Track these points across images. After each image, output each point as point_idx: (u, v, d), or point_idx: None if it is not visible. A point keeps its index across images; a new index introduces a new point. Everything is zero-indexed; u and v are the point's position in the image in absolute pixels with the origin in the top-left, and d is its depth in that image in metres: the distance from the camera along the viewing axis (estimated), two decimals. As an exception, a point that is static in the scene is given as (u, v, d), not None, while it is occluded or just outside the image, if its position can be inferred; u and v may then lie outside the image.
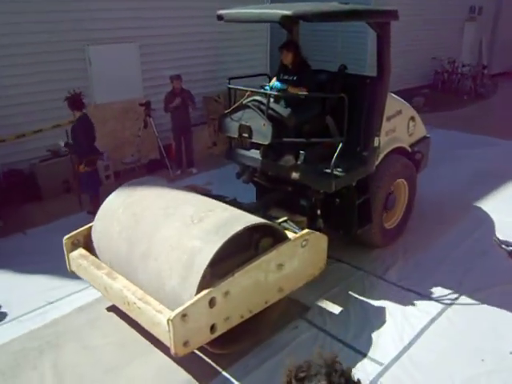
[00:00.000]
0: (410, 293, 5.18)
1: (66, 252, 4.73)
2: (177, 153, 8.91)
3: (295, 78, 5.33)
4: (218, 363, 4.19)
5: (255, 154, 5.50)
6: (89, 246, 4.75)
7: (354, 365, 4.17)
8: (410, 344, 4.43)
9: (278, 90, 5.24)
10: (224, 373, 4.12)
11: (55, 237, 4.77)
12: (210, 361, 4.22)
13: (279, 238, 4.34)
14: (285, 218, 4.86)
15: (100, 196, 6.67)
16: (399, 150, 5.98)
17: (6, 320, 4.88)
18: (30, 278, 5.53)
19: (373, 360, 4.24)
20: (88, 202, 7.02)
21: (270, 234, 4.30)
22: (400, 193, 6.19)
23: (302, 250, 4.43)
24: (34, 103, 7.62)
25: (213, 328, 3.75)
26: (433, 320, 4.75)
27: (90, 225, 4.78)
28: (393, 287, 5.30)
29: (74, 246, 4.73)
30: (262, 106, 4.98)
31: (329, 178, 4.92)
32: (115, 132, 8.74)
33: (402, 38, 13.06)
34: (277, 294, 4.33)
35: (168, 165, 8.74)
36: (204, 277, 3.64)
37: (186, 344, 3.58)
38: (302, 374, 1.56)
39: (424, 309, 4.92)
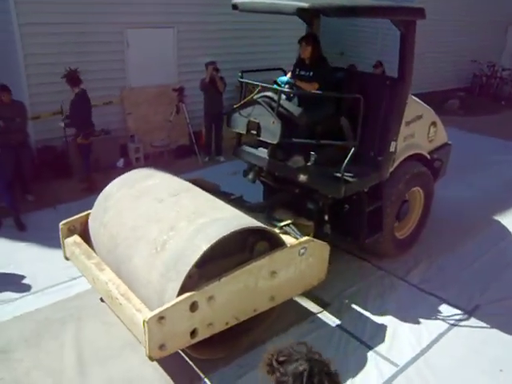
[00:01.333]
0: (431, 297, 5.13)
1: (61, 238, 4.61)
2: (206, 140, 8.97)
3: (311, 74, 5.11)
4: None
5: (263, 152, 5.28)
6: (86, 233, 4.61)
7: (369, 363, 4.17)
8: (427, 348, 4.40)
9: (287, 84, 5.05)
10: (238, 359, 4.16)
11: (83, 214, 4.87)
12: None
13: (276, 243, 4.11)
14: (288, 222, 4.66)
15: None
16: (417, 157, 5.71)
17: (31, 291, 5.04)
18: (56, 252, 5.65)
19: (388, 360, 4.22)
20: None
21: (267, 238, 4.07)
22: (415, 202, 5.93)
23: (299, 259, 4.18)
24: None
25: (193, 333, 3.55)
26: (452, 326, 4.70)
27: (88, 212, 4.66)
28: (414, 289, 5.25)
29: (71, 232, 4.59)
30: (273, 103, 4.76)
31: (338, 183, 4.68)
32: (147, 116, 8.85)
33: (440, 39, 12.83)
34: (268, 303, 4.09)
35: (197, 151, 8.81)
36: (189, 277, 3.48)
37: (161, 347, 3.39)
38: (282, 358, 1.61)
39: (444, 314, 4.86)
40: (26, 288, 5.09)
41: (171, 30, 8.89)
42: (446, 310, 4.93)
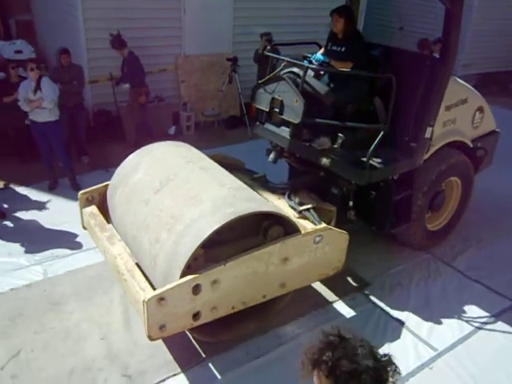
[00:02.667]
0: (477, 284, 5.00)
1: (79, 207, 4.61)
2: (257, 112, 8.93)
3: (343, 50, 4.81)
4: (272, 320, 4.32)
5: (285, 132, 4.98)
6: (104, 204, 4.57)
7: (407, 345, 4.16)
8: (469, 335, 4.32)
9: (321, 64, 4.72)
10: (277, 329, 4.25)
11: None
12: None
13: (290, 229, 3.91)
14: (309, 206, 4.41)
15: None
16: (457, 144, 5.28)
17: (82, 248, 5.30)
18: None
19: (427, 344, 4.19)
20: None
21: (282, 222, 3.89)
22: (451, 192, 5.53)
23: (314, 247, 3.97)
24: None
25: (196, 316, 3.49)
26: (497, 316, 4.58)
27: (107, 183, 4.62)
28: (459, 276, 5.13)
29: (89, 202, 4.58)
30: (299, 80, 4.49)
31: (363, 169, 4.39)
32: (200, 84, 8.91)
33: (505, 15, 12.06)
34: (278, 289, 3.94)
35: (246, 123, 8.82)
36: (195, 259, 3.43)
37: (161, 328, 3.36)
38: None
39: (489, 303, 4.73)
40: (78, 245, 5.34)
41: (229, -2, 8.81)
42: (491, 298, 4.80)
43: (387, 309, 4.59)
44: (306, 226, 4.15)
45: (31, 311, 4.36)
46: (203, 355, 3.98)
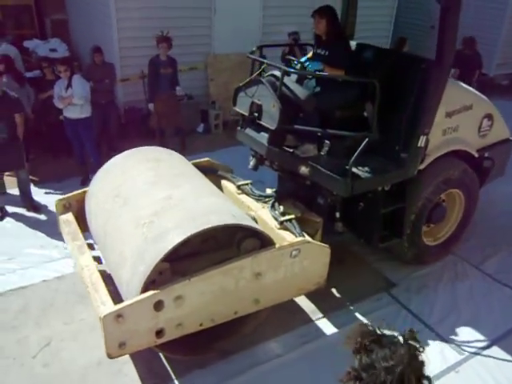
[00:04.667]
0: (506, 288, 4.91)
1: (56, 214, 4.46)
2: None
3: (327, 53, 4.53)
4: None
5: (264, 138, 4.58)
6: (81, 210, 4.41)
7: (433, 348, 4.11)
8: (497, 340, 4.25)
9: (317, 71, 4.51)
10: (302, 327, 4.28)
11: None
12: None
13: (265, 241, 3.67)
14: (291, 216, 4.15)
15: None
16: (460, 154, 4.94)
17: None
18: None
19: (453, 348, 4.15)
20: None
21: (258, 235, 3.65)
22: (453, 205, 5.19)
23: (290, 261, 3.70)
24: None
25: (160, 333, 3.31)
26: (527, 321, 4.49)
27: (85, 189, 4.49)
28: (488, 279, 5.04)
29: (66, 209, 4.43)
30: (278, 83, 4.18)
31: (345, 179, 4.09)
32: (228, 83, 8.93)
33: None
34: (251, 306, 3.69)
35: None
36: (160, 273, 3.27)
37: (121, 345, 3.18)
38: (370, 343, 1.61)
39: (519, 307, 4.65)
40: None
41: (258, -3, 8.84)
42: (521, 303, 4.72)
43: (413, 310, 4.55)
44: (286, 237, 3.91)
45: (62, 303, 4.50)
46: (228, 352, 4.00)
